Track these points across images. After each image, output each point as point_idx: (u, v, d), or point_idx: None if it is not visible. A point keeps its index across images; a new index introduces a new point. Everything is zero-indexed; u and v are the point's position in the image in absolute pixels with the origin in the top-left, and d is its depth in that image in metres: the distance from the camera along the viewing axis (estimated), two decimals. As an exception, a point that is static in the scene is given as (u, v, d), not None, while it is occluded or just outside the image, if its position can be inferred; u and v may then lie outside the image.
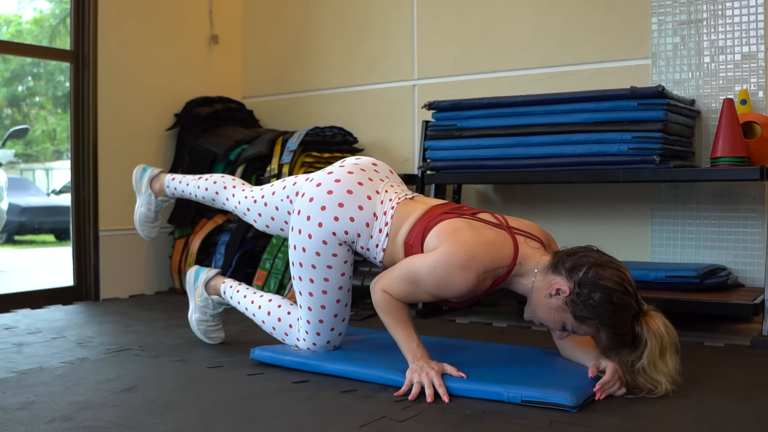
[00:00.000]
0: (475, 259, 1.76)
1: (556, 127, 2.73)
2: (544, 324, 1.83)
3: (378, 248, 1.96)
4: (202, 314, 2.38)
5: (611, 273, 1.69)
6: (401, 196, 2.00)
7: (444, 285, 1.79)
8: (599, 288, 1.67)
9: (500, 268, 1.79)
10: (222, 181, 2.38)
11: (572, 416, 1.60)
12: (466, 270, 1.76)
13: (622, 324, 1.69)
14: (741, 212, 2.80)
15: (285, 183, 2.18)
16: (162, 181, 2.50)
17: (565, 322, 1.76)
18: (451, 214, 1.88)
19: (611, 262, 1.72)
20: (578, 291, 1.69)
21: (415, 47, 3.58)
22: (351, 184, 1.98)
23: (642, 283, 2.59)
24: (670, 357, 1.70)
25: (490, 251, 1.78)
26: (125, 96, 3.58)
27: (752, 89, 2.77)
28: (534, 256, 1.81)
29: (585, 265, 1.71)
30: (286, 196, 2.15)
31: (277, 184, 2.21)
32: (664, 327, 1.69)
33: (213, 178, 2.40)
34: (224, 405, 1.71)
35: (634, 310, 1.70)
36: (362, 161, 2.09)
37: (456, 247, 1.77)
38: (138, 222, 2.55)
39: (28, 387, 1.87)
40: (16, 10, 4.11)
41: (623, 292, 1.68)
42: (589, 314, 1.69)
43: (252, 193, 2.27)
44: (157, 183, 2.51)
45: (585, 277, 1.69)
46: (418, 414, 1.63)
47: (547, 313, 1.78)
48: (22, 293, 3.28)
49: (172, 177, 2.49)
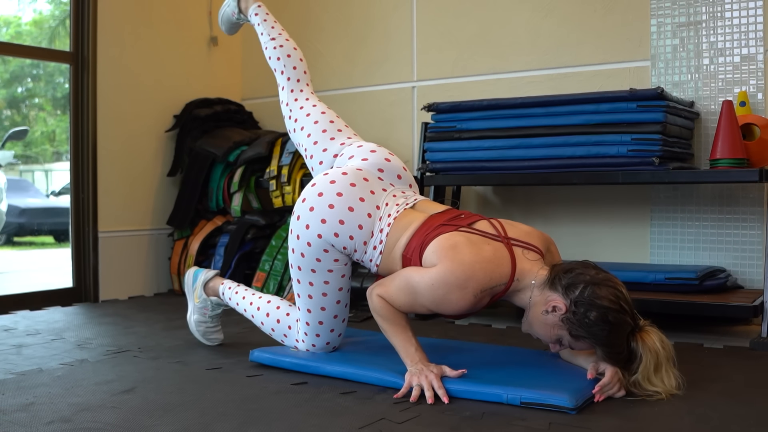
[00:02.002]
0: (472, 278, 1.76)
1: (556, 129, 2.73)
2: (539, 338, 1.84)
3: (372, 263, 1.96)
4: (201, 315, 2.37)
5: (607, 292, 1.70)
6: (401, 208, 1.97)
7: (441, 302, 1.80)
8: (595, 307, 1.68)
9: (498, 286, 1.80)
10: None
11: (571, 418, 1.60)
12: (463, 290, 1.77)
13: (618, 342, 1.70)
14: (740, 214, 2.81)
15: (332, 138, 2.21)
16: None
17: (561, 338, 1.77)
18: (449, 226, 1.87)
19: (607, 280, 1.73)
20: (574, 309, 1.70)
21: (414, 49, 3.58)
22: (353, 200, 1.95)
23: (641, 285, 2.59)
24: (666, 372, 1.71)
25: (487, 269, 1.78)
26: (125, 97, 3.58)
27: (751, 91, 2.78)
28: (532, 270, 1.82)
29: (581, 283, 1.72)
30: (323, 148, 2.21)
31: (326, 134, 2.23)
32: (659, 342, 1.71)
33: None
34: (223, 406, 1.71)
35: (629, 327, 1.71)
36: (369, 165, 2.05)
37: (454, 266, 1.77)
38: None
39: (27, 388, 1.87)
40: (16, 11, 4.11)
41: (619, 311, 1.69)
42: (584, 333, 1.71)
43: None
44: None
45: (581, 296, 1.70)
46: (417, 416, 1.63)
47: (543, 328, 1.79)
48: (21, 295, 3.28)
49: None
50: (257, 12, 2.46)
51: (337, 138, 2.20)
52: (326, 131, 2.22)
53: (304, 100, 2.31)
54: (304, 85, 2.35)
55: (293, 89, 2.34)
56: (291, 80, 2.35)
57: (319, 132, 2.22)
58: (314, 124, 2.24)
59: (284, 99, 2.35)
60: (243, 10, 2.51)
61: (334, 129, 2.23)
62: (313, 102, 2.31)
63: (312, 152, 2.23)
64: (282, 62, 2.37)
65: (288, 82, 2.35)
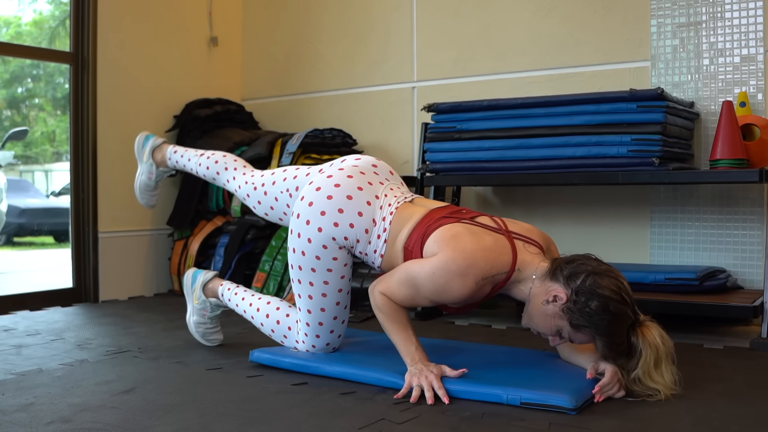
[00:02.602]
0: (474, 266, 1.76)
1: (556, 130, 2.73)
2: (540, 332, 1.83)
3: (376, 254, 1.96)
4: (200, 317, 2.37)
5: (609, 282, 1.70)
6: (401, 199, 1.99)
7: (443, 291, 1.79)
8: (596, 296, 1.68)
9: (499, 274, 1.80)
10: (224, 162, 2.39)
11: (571, 418, 1.60)
12: (464, 277, 1.76)
13: (618, 333, 1.69)
14: (740, 214, 2.81)
15: (285, 174, 2.19)
16: (164, 152, 2.51)
17: (561, 330, 1.76)
18: (450, 218, 1.88)
19: (609, 271, 1.73)
20: (575, 299, 1.70)
21: (414, 49, 3.58)
22: (351, 189, 1.97)
23: (641, 285, 2.59)
24: (665, 368, 1.71)
25: (488, 258, 1.78)
26: (125, 98, 3.58)
27: (751, 91, 2.78)
28: (533, 262, 1.82)
29: (583, 273, 1.71)
30: (285, 189, 2.17)
31: (278, 172, 2.22)
32: (660, 337, 1.70)
33: (215, 157, 2.41)
34: (223, 407, 1.71)
35: (630, 320, 1.70)
36: (362, 163, 2.08)
37: (455, 254, 1.77)
38: (138, 190, 2.56)
39: (27, 389, 1.87)
40: (16, 11, 4.11)
41: (620, 302, 1.68)
42: (585, 322, 1.70)
43: (252, 179, 2.29)
44: (159, 153, 2.52)
45: (582, 285, 1.70)
46: (417, 416, 1.63)
47: (543, 319, 1.78)
48: (21, 295, 3.28)
49: (174, 149, 2.50)
50: (176, 149, 2.49)
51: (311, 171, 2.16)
52: (296, 176, 2.18)
53: (260, 176, 2.29)
54: (249, 168, 2.38)
55: (245, 172, 2.35)
56: (237, 169, 2.36)
57: (291, 174, 2.19)
58: (283, 172, 2.22)
59: (242, 182, 2.32)
60: (159, 162, 2.52)
61: (302, 171, 2.19)
62: (261, 173, 2.30)
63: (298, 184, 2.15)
64: (221, 163, 2.38)
65: (236, 172, 2.36)
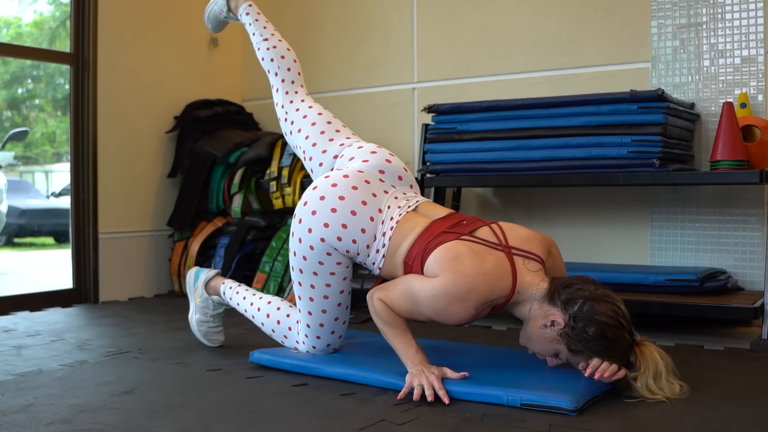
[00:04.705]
0: (474, 290, 1.77)
1: (556, 131, 2.73)
2: (537, 353, 1.86)
3: (374, 266, 1.96)
4: (203, 315, 2.37)
5: (606, 308, 1.72)
6: (403, 210, 1.96)
7: (442, 313, 1.80)
8: (594, 323, 1.70)
9: (499, 298, 1.81)
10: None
11: (571, 419, 1.60)
12: (465, 301, 1.77)
13: (616, 358, 1.72)
14: (740, 216, 2.80)
15: (330, 134, 2.20)
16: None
17: (559, 352, 1.80)
18: (451, 233, 1.86)
19: (606, 296, 1.75)
20: (573, 324, 1.72)
21: (415, 50, 3.58)
22: (354, 203, 1.94)
23: (641, 287, 2.59)
24: (666, 381, 1.72)
25: (489, 282, 1.78)
26: (125, 98, 3.58)
27: (752, 93, 2.78)
28: (532, 282, 1.82)
29: (580, 298, 1.73)
30: (323, 150, 2.19)
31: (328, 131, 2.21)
32: (658, 354, 1.74)
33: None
34: (223, 408, 1.71)
35: (627, 343, 1.73)
36: (371, 166, 2.04)
37: (456, 278, 1.77)
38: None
39: (26, 390, 1.87)
40: (16, 12, 4.11)
41: (617, 327, 1.71)
42: (583, 347, 1.73)
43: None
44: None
45: (580, 311, 1.72)
46: (418, 417, 1.62)
47: (541, 342, 1.81)
48: (21, 296, 3.28)
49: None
50: (248, 11, 2.41)
51: (335, 139, 2.19)
52: (324, 132, 2.20)
53: (300, 102, 2.28)
54: (298, 87, 2.32)
55: (288, 91, 2.31)
56: (285, 82, 2.32)
57: (317, 133, 2.21)
58: (312, 126, 2.22)
59: (279, 101, 2.32)
60: (233, 9, 2.45)
61: (332, 130, 2.21)
62: (309, 103, 2.28)
63: (311, 154, 2.21)
64: (276, 63, 2.33)
65: (282, 84, 2.31)
